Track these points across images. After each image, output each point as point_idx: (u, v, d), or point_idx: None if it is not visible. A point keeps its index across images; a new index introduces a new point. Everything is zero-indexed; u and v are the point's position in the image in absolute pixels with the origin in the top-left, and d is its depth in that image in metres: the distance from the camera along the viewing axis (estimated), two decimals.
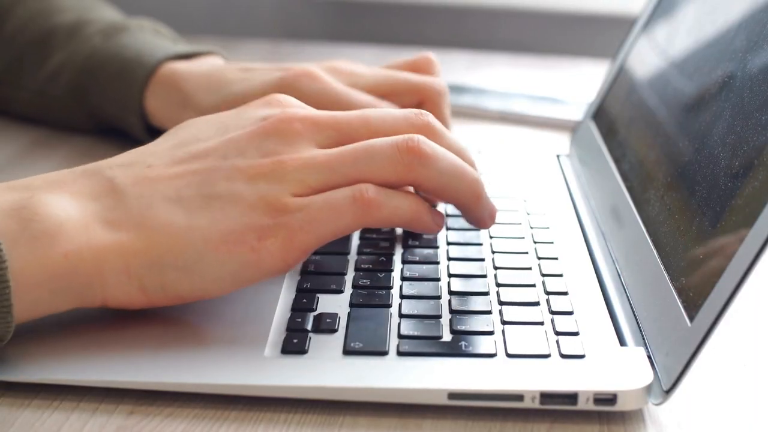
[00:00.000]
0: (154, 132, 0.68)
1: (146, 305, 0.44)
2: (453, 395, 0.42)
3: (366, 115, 0.48)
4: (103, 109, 0.69)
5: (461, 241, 0.54)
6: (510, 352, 0.44)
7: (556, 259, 0.53)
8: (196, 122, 0.49)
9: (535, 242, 0.55)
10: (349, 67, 0.63)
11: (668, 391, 0.42)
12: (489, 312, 0.47)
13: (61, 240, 0.42)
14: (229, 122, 0.48)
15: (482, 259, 0.52)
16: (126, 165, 0.46)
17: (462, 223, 0.57)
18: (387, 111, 0.48)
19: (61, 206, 0.43)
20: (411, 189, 0.49)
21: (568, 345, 0.45)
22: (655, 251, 0.49)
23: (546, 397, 0.42)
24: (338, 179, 0.45)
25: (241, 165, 0.45)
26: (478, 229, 0.54)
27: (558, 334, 0.46)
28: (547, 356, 0.44)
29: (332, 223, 0.44)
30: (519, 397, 0.42)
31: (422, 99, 0.62)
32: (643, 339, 0.46)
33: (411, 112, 0.48)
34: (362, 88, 0.62)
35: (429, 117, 0.48)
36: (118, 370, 0.43)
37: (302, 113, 0.47)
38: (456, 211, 0.58)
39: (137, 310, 0.45)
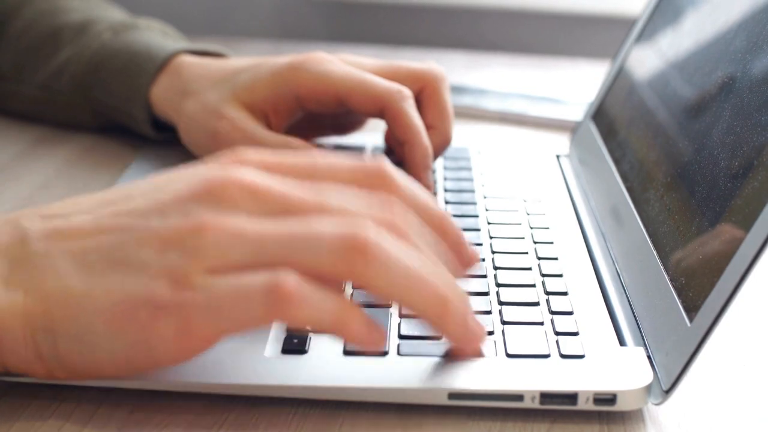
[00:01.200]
0: (159, 127, 0.68)
1: (47, 376, 0.41)
2: (453, 395, 0.42)
3: (322, 192, 0.40)
4: (107, 103, 0.69)
5: None
6: (510, 352, 0.44)
7: (556, 259, 0.53)
8: (143, 180, 0.43)
9: (534, 242, 0.55)
10: (353, 57, 0.64)
11: (668, 391, 0.42)
12: (489, 312, 0.47)
13: None
14: (170, 180, 0.42)
15: (482, 259, 0.53)
16: (47, 216, 0.42)
17: (462, 223, 0.57)
18: (347, 194, 0.40)
19: None
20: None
21: (568, 345, 0.45)
22: (654, 251, 0.49)
23: (546, 397, 0.42)
24: (264, 260, 0.38)
25: (157, 227, 0.39)
26: (477, 244, 0.51)
27: (558, 334, 0.46)
28: (546, 356, 0.44)
29: (236, 315, 0.37)
30: (519, 397, 0.42)
31: (423, 85, 0.62)
32: (643, 339, 0.46)
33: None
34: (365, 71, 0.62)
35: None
36: None
37: (241, 177, 0.40)
38: (455, 212, 0.58)
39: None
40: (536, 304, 0.48)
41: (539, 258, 0.53)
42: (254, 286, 0.37)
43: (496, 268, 0.52)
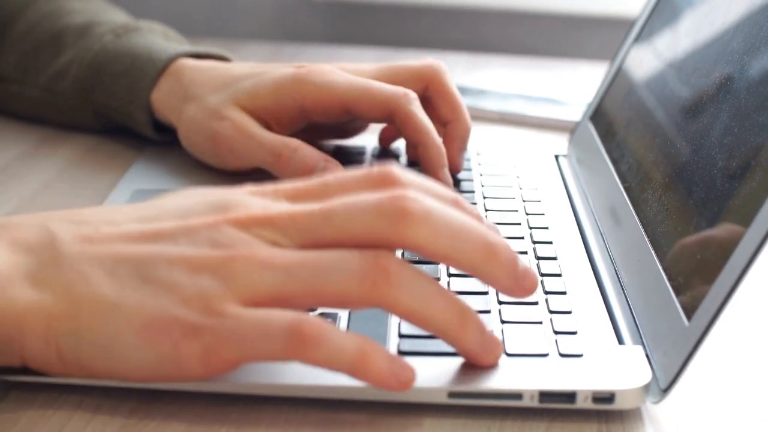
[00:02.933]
0: (160, 129, 0.68)
1: (63, 374, 0.42)
2: (453, 394, 0.42)
3: (329, 210, 0.41)
4: (108, 105, 0.69)
5: None
6: (509, 351, 0.44)
7: (555, 258, 0.53)
8: (177, 195, 0.45)
9: (533, 242, 0.55)
10: (351, 65, 0.64)
11: (666, 390, 0.42)
12: (488, 311, 0.48)
13: None
14: (197, 203, 0.43)
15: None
16: (76, 222, 0.43)
17: None
18: (354, 202, 0.41)
19: None
20: None
21: (567, 344, 0.45)
22: (652, 251, 0.49)
23: (545, 395, 0.42)
24: (293, 287, 0.40)
25: (187, 253, 0.41)
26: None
27: (556, 333, 0.46)
28: (545, 355, 0.44)
29: (258, 347, 0.39)
30: (518, 395, 0.42)
31: (427, 82, 0.63)
32: (641, 338, 0.46)
33: (385, 198, 0.40)
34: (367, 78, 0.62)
35: (406, 202, 0.40)
36: None
37: (269, 210, 0.42)
38: None
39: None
40: (535, 303, 0.48)
41: (538, 257, 0.53)
42: (277, 325, 0.39)
43: None
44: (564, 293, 0.50)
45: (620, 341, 0.46)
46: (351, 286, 0.40)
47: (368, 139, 0.69)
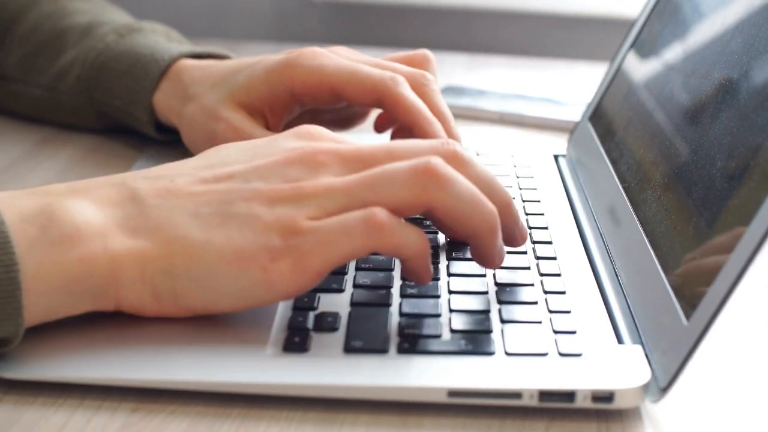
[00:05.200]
0: (162, 129, 0.68)
1: (158, 313, 0.45)
2: (453, 393, 0.42)
3: (391, 147, 0.47)
4: (111, 104, 0.69)
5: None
6: (509, 350, 0.45)
7: (554, 258, 0.53)
8: (228, 146, 0.50)
9: (533, 242, 0.55)
10: (346, 51, 0.64)
11: (665, 389, 0.42)
12: (488, 311, 0.48)
13: (77, 244, 0.43)
14: (258, 150, 0.48)
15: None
16: (151, 178, 0.47)
17: None
18: (413, 142, 0.48)
19: (81, 212, 0.44)
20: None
21: (566, 343, 0.45)
22: (652, 251, 0.49)
23: (544, 395, 0.42)
24: (354, 204, 0.45)
25: (261, 188, 0.45)
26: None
27: (556, 332, 0.46)
28: (545, 355, 0.44)
29: (342, 246, 0.44)
30: (518, 395, 0.42)
31: (416, 65, 0.63)
32: (640, 337, 0.46)
33: (438, 142, 0.48)
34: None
35: (456, 146, 0.47)
36: (122, 367, 0.43)
37: (328, 147, 0.47)
38: None
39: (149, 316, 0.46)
40: (535, 303, 0.49)
41: (538, 257, 0.53)
42: (354, 221, 0.44)
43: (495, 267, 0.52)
44: (563, 293, 0.50)
45: (619, 341, 0.46)
46: (404, 194, 0.45)
47: (368, 138, 0.69)
